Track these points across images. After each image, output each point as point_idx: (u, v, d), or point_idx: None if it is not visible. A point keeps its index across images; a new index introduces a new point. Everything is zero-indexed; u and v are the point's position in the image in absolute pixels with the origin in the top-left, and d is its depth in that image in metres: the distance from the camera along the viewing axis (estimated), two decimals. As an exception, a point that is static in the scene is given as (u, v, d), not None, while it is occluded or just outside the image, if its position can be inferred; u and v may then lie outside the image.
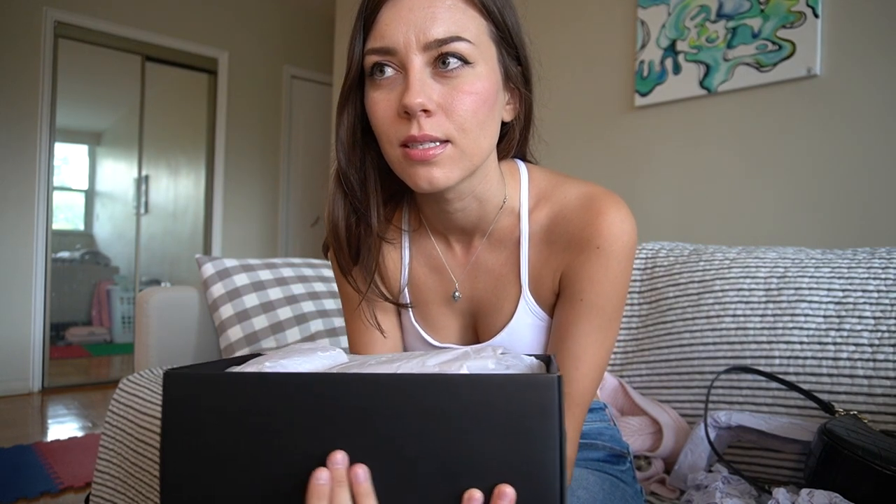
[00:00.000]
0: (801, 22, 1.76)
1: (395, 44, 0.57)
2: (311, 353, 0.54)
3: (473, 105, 0.57)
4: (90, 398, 3.36)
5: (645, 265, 1.30)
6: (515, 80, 0.64)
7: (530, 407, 0.41)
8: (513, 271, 0.69)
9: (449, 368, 0.45)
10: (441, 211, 0.67)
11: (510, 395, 0.41)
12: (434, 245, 0.72)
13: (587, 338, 0.64)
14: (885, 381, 0.94)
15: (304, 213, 4.66)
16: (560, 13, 2.41)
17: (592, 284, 0.63)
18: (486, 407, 0.42)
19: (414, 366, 0.46)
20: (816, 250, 1.15)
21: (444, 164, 0.58)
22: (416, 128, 0.56)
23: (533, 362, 0.52)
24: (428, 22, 0.56)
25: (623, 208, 0.64)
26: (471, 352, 0.49)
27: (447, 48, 0.56)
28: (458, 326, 0.74)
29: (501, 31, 0.61)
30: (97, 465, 1.27)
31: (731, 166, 1.95)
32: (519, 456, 0.41)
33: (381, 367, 0.47)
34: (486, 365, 0.46)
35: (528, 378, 0.42)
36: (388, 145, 0.60)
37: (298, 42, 4.54)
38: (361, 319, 0.74)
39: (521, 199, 0.69)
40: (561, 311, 0.67)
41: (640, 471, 1.02)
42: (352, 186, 0.65)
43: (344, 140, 0.64)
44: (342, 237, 0.67)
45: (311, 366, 0.51)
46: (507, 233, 0.69)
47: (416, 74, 0.56)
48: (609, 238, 0.62)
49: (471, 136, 0.58)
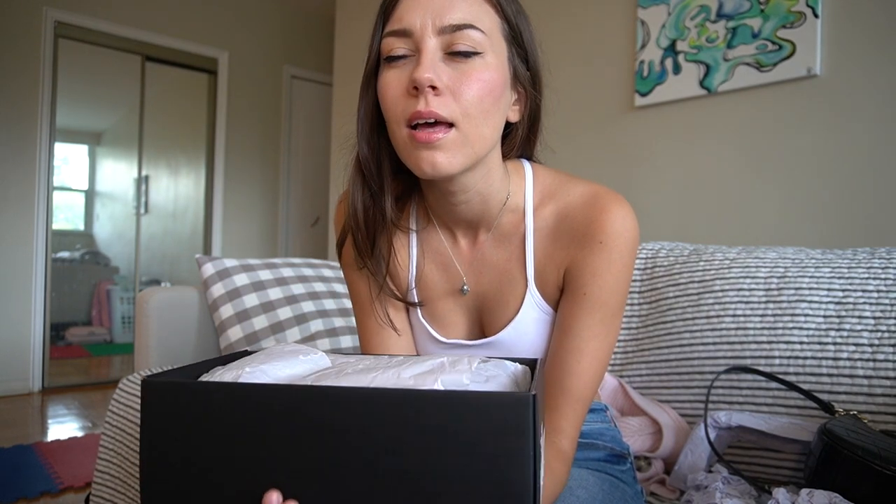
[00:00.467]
0: (801, 22, 1.76)
1: (412, 26, 0.59)
2: (293, 356, 0.53)
3: (480, 92, 0.60)
4: (90, 398, 3.36)
5: (645, 265, 1.30)
6: (524, 82, 0.66)
7: (503, 426, 0.40)
8: (518, 267, 0.70)
9: (423, 382, 0.44)
10: (446, 202, 0.69)
11: (482, 413, 0.40)
12: (441, 240, 0.74)
13: (589, 331, 0.66)
14: (885, 381, 0.94)
15: (304, 213, 4.66)
16: (560, 13, 2.41)
17: (595, 279, 0.65)
18: (457, 425, 0.40)
19: (389, 377, 0.45)
20: (816, 250, 1.15)
21: (448, 149, 0.60)
22: (424, 103, 0.58)
23: (517, 370, 0.51)
24: (445, 8, 0.59)
25: (626, 206, 0.66)
26: (447, 363, 0.47)
27: (461, 35, 0.59)
28: (464, 322, 0.75)
29: (513, 31, 0.64)
30: (97, 465, 1.27)
31: (731, 166, 1.95)
32: (490, 476, 0.40)
33: (356, 376, 0.46)
34: (461, 380, 0.44)
35: (500, 396, 0.40)
36: (396, 125, 0.61)
37: (298, 42, 4.54)
38: (374, 319, 0.75)
39: (526, 196, 0.70)
40: (564, 305, 0.68)
41: (640, 471, 1.02)
42: (370, 171, 0.67)
43: (363, 126, 0.66)
44: (360, 220, 0.68)
45: (290, 371, 0.51)
46: (512, 228, 0.70)
47: (429, 54, 0.59)
48: (612, 234, 0.64)
49: (474, 121, 0.60)
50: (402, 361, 0.49)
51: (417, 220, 0.76)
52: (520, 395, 0.40)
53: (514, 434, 0.40)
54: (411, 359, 0.50)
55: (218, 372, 0.50)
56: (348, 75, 3.54)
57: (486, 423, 0.40)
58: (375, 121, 0.66)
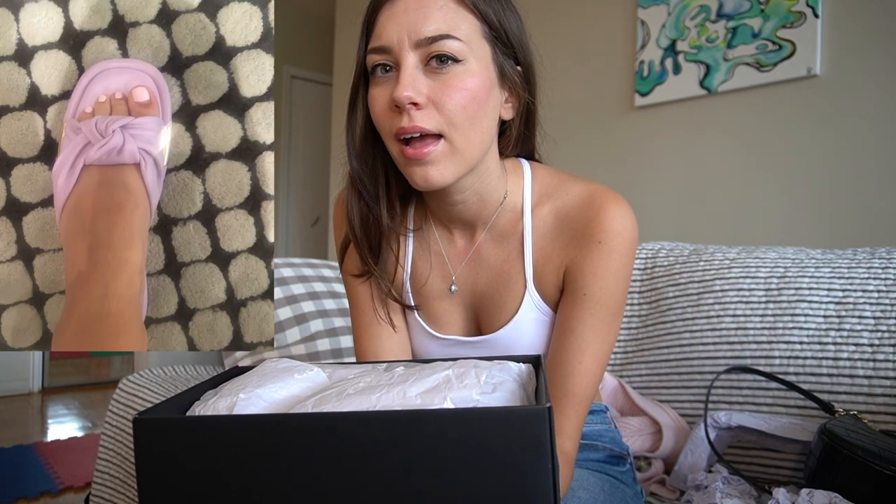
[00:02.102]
0: (801, 22, 1.76)
1: (390, 42, 0.60)
2: (288, 376, 0.51)
3: (463, 101, 0.60)
4: (90, 398, 3.36)
5: (645, 265, 1.30)
6: (512, 79, 0.65)
7: (519, 441, 0.39)
8: (517, 267, 0.70)
9: (432, 400, 0.42)
10: (443, 203, 0.70)
11: (497, 429, 0.39)
12: (437, 239, 0.74)
13: (590, 332, 0.65)
14: (885, 381, 0.94)
15: (304, 213, 4.66)
16: (560, 13, 2.41)
17: (595, 279, 0.65)
18: (472, 442, 0.39)
19: (394, 396, 0.44)
20: (816, 250, 1.15)
21: (438, 162, 0.61)
22: (407, 119, 0.59)
23: (522, 371, 0.50)
24: (420, 21, 0.59)
25: (624, 205, 0.66)
26: (453, 377, 0.46)
27: (437, 46, 0.59)
28: (460, 320, 0.75)
29: (495, 30, 0.63)
30: (97, 465, 1.27)
31: (731, 166, 1.95)
32: (509, 491, 0.39)
33: (359, 397, 0.44)
34: (470, 396, 0.43)
35: (514, 412, 0.40)
36: (388, 140, 0.63)
37: (298, 42, 4.54)
38: (369, 317, 0.75)
39: (525, 196, 0.70)
40: (564, 306, 0.68)
41: (639, 471, 1.02)
42: (365, 185, 0.68)
43: (355, 141, 0.67)
44: (360, 235, 0.70)
45: (287, 392, 0.49)
46: (510, 228, 0.71)
47: (408, 70, 0.59)
48: (611, 233, 0.64)
49: (460, 130, 0.60)
50: (405, 377, 0.47)
51: (416, 219, 0.76)
52: (535, 409, 0.39)
53: (532, 448, 0.39)
54: (413, 373, 0.48)
55: (211, 400, 0.48)
56: (348, 75, 3.52)
57: (502, 440, 0.39)
58: (368, 131, 0.67)
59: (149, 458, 0.43)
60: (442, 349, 0.75)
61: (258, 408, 0.47)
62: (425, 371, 0.48)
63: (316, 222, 4.66)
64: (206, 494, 0.42)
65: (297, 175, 4.61)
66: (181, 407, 0.49)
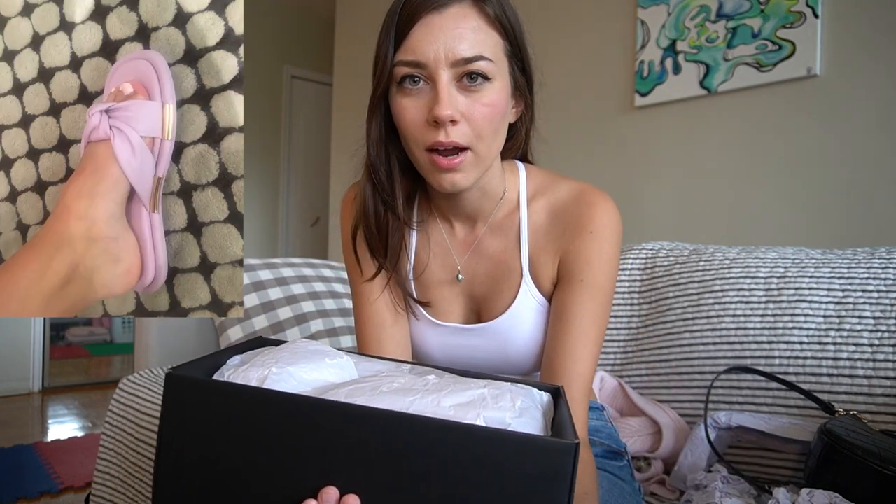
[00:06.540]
0: (801, 22, 1.76)
1: (426, 59, 0.63)
2: (320, 359, 0.52)
3: (490, 115, 0.65)
4: (90, 398, 3.36)
5: (645, 265, 1.30)
6: (522, 89, 0.71)
7: (544, 470, 0.40)
8: (514, 258, 0.75)
9: (465, 415, 0.43)
10: (451, 197, 0.74)
11: (524, 455, 0.40)
12: (441, 231, 0.79)
13: (591, 316, 0.71)
14: (885, 381, 0.94)
15: (304, 213, 4.66)
16: (560, 13, 2.41)
17: (590, 265, 0.71)
18: (497, 463, 0.40)
19: (428, 404, 0.44)
20: (816, 250, 1.15)
21: (465, 170, 0.66)
22: (444, 135, 0.63)
23: (543, 400, 0.51)
24: (456, 41, 0.62)
25: (610, 201, 0.73)
26: (488, 397, 0.46)
27: (472, 66, 0.63)
28: (460, 310, 0.79)
29: (514, 46, 0.68)
30: (97, 465, 1.27)
31: (731, 166, 1.95)
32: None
33: (392, 397, 0.45)
34: (504, 419, 0.44)
35: (545, 442, 0.41)
36: (416, 148, 0.66)
37: (298, 42, 4.54)
38: (373, 305, 0.78)
39: (521, 192, 0.77)
40: (562, 294, 0.73)
41: (639, 472, 1.02)
42: (380, 179, 0.72)
43: (374, 139, 0.70)
44: (372, 225, 0.73)
45: (317, 375, 0.50)
46: (508, 221, 0.76)
47: (445, 88, 0.63)
48: (600, 224, 0.71)
49: (485, 142, 0.66)
50: (439, 387, 0.48)
51: (421, 212, 0.80)
52: (565, 443, 0.40)
53: (554, 479, 0.40)
54: (447, 384, 0.49)
55: (242, 368, 0.49)
56: (348, 75, 3.54)
57: (528, 466, 0.40)
58: (384, 134, 0.70)
59: (175, 414, 0.44)
60: (441, 337, 0.78)
61: (289, 385, 0.47)
62: (460, 385, 0.48)
63: (316, 222, 4.66)
64: (223, 457, 0.43)
65: (297, 175, 4.61)
66: (205, 369, 0.50)
